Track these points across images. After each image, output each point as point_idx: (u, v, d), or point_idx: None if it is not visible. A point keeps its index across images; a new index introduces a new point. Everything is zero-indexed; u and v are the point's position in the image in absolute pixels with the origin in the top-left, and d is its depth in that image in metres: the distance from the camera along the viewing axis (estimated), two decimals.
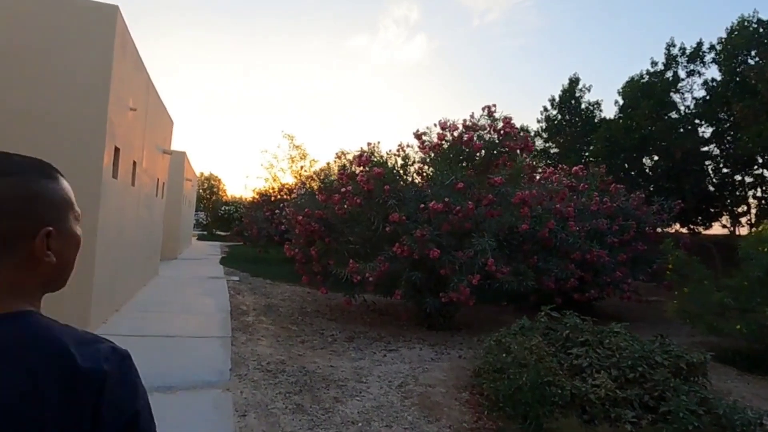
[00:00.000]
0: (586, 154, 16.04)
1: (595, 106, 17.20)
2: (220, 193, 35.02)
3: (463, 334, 7.47)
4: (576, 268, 7.94)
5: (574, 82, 17.45)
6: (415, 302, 7.34)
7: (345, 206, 7.08)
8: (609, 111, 18.89)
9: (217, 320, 7.21)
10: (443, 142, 7.06)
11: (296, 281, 11.18)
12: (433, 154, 7.26)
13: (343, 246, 7.49)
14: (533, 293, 7.95)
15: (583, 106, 17.22)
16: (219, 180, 35.78)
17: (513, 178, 6.92)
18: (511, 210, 6.67)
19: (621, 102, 15.69)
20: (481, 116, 7.26)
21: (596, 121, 16.88)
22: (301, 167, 17.62)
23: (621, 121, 15.21)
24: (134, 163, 7.63)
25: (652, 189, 14.00)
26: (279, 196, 17.03)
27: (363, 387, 4.80)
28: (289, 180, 18.16)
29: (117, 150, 6.43)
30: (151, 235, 10.03)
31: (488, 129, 7.10)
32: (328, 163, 16.37)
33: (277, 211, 14.46)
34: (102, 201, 5.79)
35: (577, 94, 17.19)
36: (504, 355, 5.16)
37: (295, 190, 16.15)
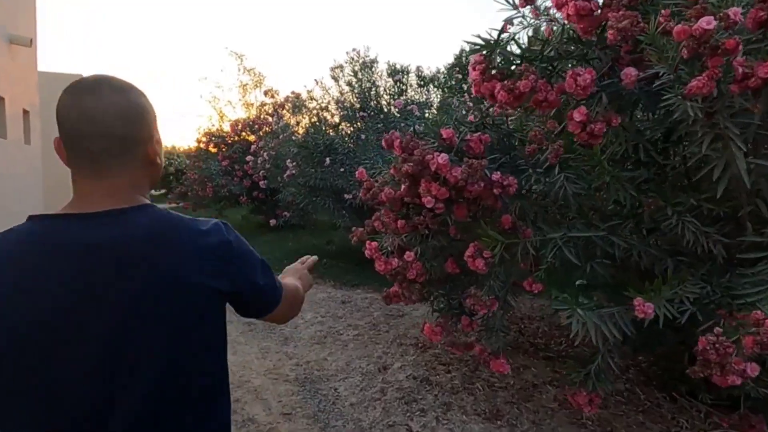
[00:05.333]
0: None
1: None
2: None
3: None
4: None
5: None
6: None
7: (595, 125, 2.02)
8: None
9: None
10: None
11: (326, 277, 6.00)
12: None
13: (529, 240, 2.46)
14: None
15: None
16: None
17: None
18: None
19: None
20: None
21: None
22: (267, 92, 11.75)
23: None
24: None
25: None
26: (238, 137, 11.27)
27: None
28: (241, 115, 12.40)
29: None
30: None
31: None
32: (308, 89, 10.77)
33: (249, 157, 8.97)
34: None
35: None
36: None
37: (266, 124, 10.53)
